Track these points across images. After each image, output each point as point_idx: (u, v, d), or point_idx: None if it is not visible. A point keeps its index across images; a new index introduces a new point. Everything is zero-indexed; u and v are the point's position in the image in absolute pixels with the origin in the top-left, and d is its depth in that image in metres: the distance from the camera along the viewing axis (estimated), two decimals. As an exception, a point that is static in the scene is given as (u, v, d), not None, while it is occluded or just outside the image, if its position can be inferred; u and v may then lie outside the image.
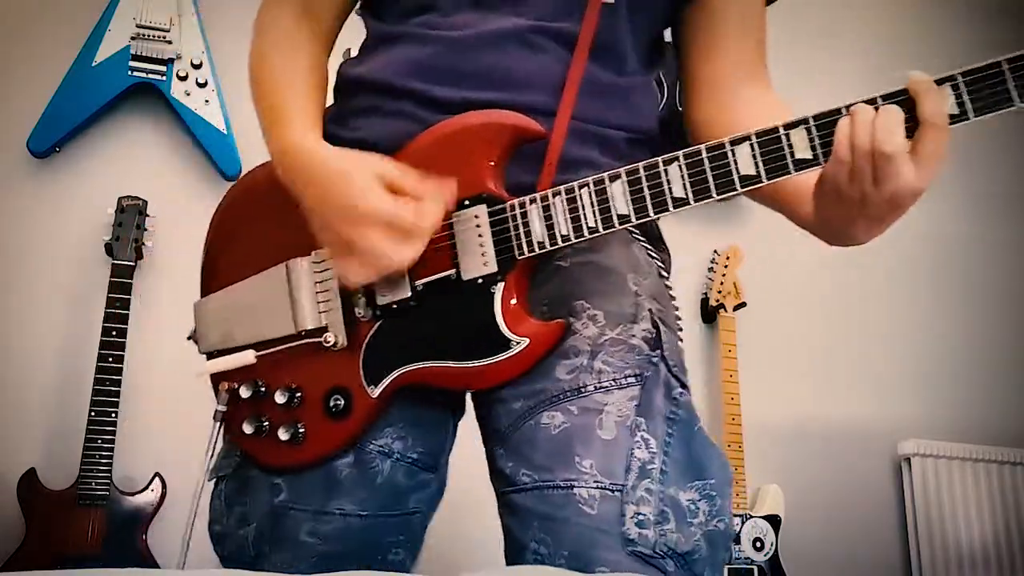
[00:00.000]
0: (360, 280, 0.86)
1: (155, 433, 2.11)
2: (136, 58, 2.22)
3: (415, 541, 0.97)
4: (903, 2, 3.31)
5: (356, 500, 0.91)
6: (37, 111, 2.18)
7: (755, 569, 2.42)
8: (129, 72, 2.22)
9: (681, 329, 0.94)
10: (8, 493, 1.94)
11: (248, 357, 0.95)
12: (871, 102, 0.74)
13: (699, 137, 1.01)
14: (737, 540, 2.43)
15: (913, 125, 0.73)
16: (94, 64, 2.21)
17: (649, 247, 0.97)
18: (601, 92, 0.93)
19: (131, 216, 2.11)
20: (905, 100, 0.74)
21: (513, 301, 0.85)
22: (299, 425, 0.91)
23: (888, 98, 0.74)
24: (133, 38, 2.23)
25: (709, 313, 2.70)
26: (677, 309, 0.96)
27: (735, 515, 2.45)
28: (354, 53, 1.04)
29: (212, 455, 0.98)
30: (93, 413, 1.94)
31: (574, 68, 0.90)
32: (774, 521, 2.50)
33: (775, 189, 0.86)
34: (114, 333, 1.98)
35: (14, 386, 2.11)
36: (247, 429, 0.93)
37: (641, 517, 0.79)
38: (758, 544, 2.45)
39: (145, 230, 2.12)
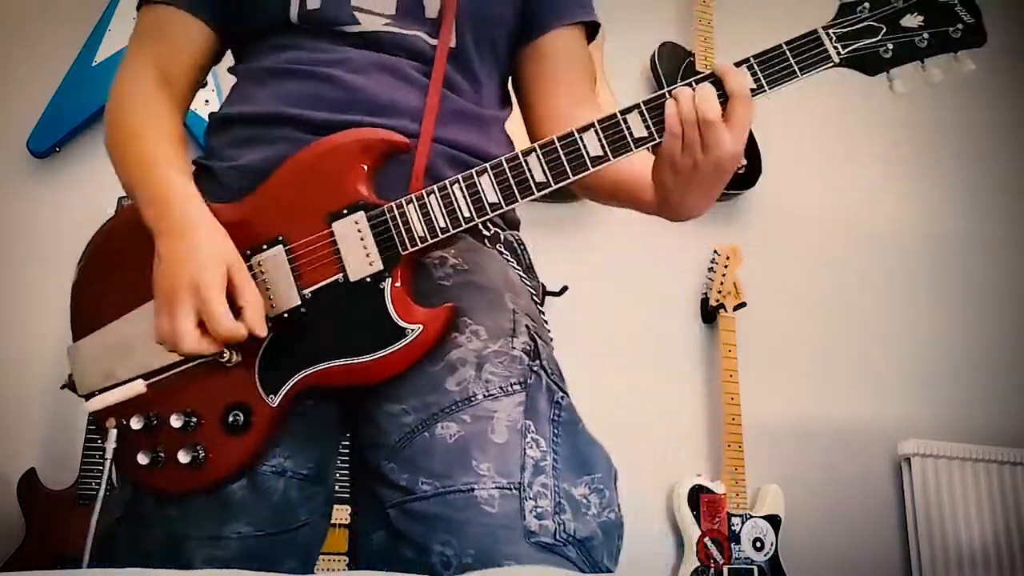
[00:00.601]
0: (160, 338, 0.87)
1: (155, 433, 2.11)
2: (136, 58, 2.22)
3: (305, 547, 0.98)
4: None
5: (253, 521, 0.92)
6: (37, 111, 2.18)
7: (755, 569, 2.42)
8: (129, 72, 2.22)
9: (553, 347, 1.01)
10: (8, 493, 1.94)
11: (138, 387, 0.92)
12: (688, 85, 0.88)
13: None
14: (737, 540, 2.44)
15: (723, 102, 0.87)
16: (94, 64, 2.21)
17: (522, 274, 1.05)
18: (464, 119, 1.02)
19: (131, 216, 2.11)
20: (715, 81, 0.88)
21: (401, 289, 0.90)
22: (198, 447, 0.91)
23: (700, 81, 0.88)
24: (133, 38, 2.23)
25: (709, 313, 2.70)
26: (548, 327, 1.04)
27: (735, 515, 2.45)
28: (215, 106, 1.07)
29: (103, 494, 0.97)
30: (93, 413, 1.94)
31: (431, 96, 0.99)
32: (774, 521, 2.50)
33: (619, 184, 1.02)
34: (114, 333, 1.98)
35: (14, 386, 2.11)
36: (142, 460, 0.92)
37: (540, 510, 0.84)
38: (758, 544, 2.45)
39: (145, 230, 2.11)
